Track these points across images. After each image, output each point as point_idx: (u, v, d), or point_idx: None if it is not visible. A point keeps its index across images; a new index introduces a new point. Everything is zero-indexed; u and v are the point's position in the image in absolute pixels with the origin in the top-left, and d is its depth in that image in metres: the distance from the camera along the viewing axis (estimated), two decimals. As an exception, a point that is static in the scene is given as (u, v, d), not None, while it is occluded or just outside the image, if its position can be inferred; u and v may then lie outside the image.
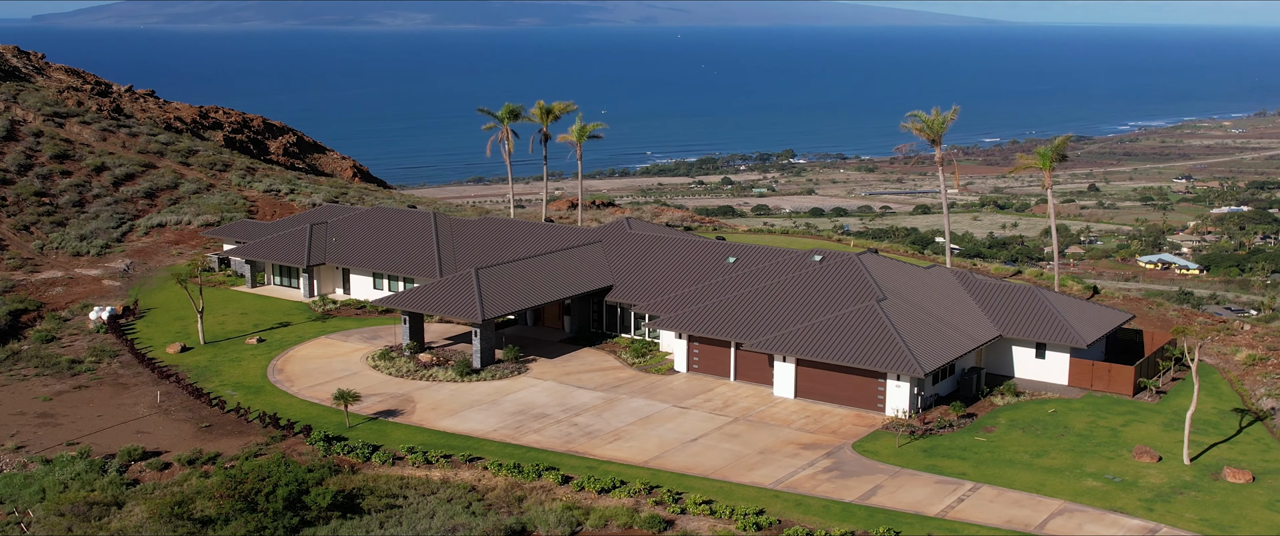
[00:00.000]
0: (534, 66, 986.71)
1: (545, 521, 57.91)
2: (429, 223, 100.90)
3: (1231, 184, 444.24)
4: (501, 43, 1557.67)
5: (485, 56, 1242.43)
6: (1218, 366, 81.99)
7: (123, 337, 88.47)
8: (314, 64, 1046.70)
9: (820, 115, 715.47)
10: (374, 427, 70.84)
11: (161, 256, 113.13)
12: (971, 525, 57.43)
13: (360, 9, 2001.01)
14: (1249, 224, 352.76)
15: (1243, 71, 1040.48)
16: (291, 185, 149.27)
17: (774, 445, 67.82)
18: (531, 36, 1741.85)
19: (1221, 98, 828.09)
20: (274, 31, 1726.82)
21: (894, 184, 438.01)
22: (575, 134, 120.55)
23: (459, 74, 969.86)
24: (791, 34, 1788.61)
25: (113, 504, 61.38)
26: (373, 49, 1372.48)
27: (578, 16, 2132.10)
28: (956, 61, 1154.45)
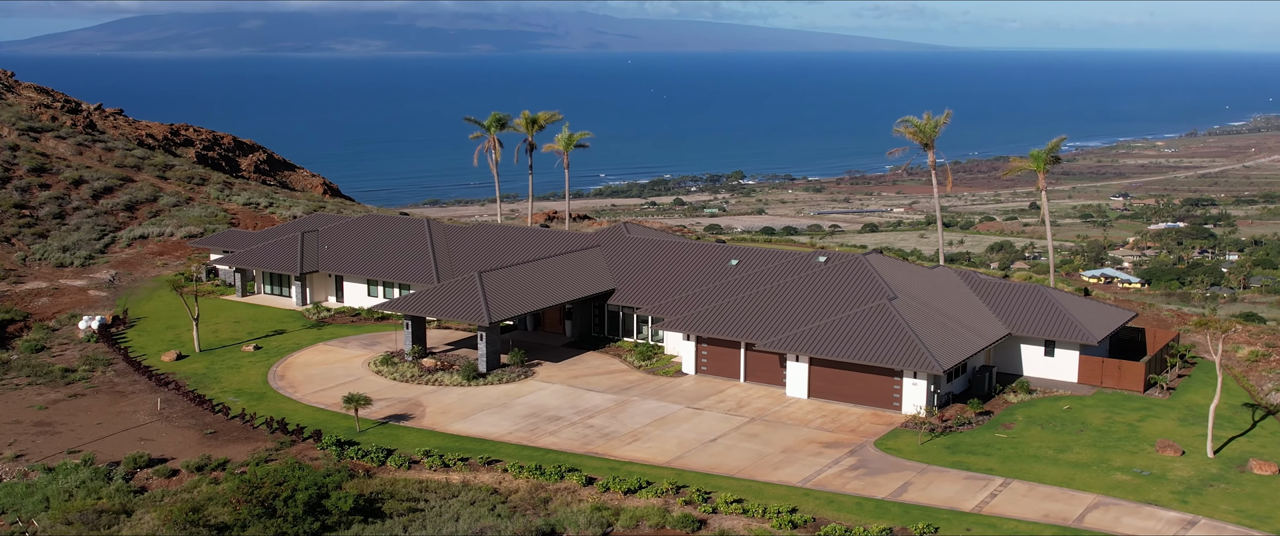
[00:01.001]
0: (489, 92, 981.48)
1: (574, 522, 55.05)
2: (423, 229, 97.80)
3: (1167, 201, 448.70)
4: (456, 69, 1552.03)
5: (441, 82, 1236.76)
6: (1220, 363, 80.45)
7: (115, 346, 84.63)
8: (272, 89, 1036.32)
9: (769, 138, 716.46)
10: (385, 432, 67.66)
11: (146, 267, 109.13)
12: (1009, 519, 55.18)
13: (316, 36, 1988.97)
14: (1186, 239, 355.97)
15: (1173, 94, 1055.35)
16: (269, 199, 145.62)
17: (795, 444, 65.33)
18: (485, 63, 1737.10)
19: (1154, 119, 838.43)
20: (231, 58, 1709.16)
21: (841, 203, 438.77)
22: (562, 143, 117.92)
23: (416, 99, 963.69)
24: (739, 59, 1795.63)
25: (121, 511, 57.88)
26: (330, 75, 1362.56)
27: (530, 43, 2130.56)
28: (899, 86, 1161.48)
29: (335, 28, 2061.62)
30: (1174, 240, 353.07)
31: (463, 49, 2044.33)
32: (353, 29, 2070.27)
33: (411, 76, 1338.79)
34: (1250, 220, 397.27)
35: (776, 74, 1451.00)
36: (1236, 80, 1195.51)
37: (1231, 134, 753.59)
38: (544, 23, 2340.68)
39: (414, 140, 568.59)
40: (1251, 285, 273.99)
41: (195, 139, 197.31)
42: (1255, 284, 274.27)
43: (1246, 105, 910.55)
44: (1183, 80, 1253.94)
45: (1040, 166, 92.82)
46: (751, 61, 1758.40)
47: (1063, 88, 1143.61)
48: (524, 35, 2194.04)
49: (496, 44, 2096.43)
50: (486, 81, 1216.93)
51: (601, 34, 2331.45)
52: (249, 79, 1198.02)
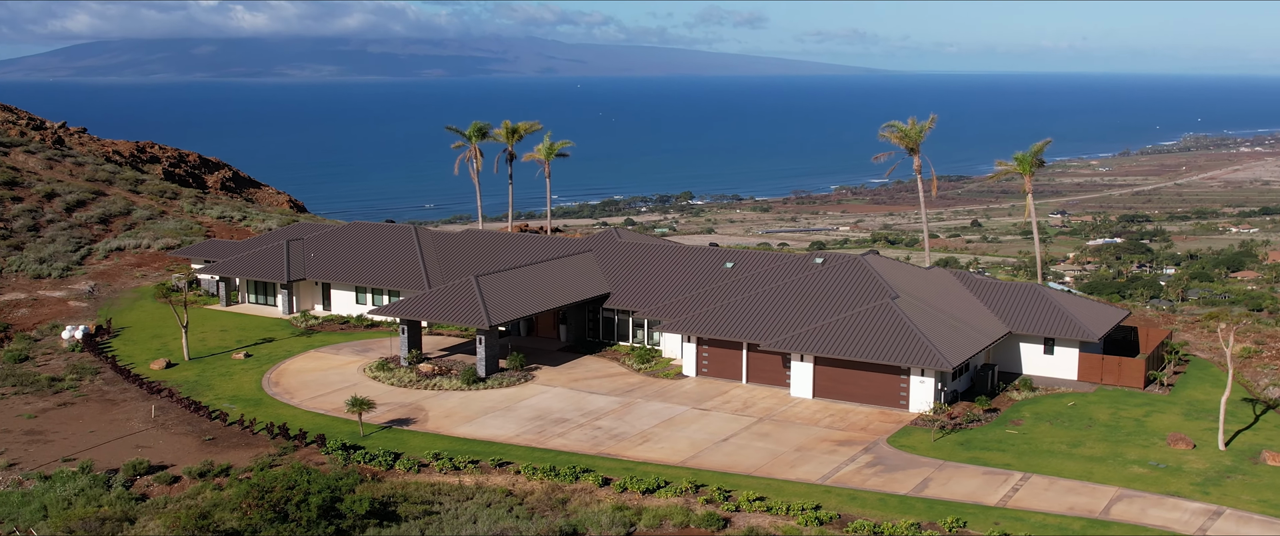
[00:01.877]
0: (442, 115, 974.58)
1: (596, 523, 52.67)
2: (411, 236, 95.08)
3: (1103, 218, 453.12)
4: (408, 93, 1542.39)
5: (394, 106, 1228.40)
6: (1214, 360, 79.65)
7: (102, 355, 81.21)
8: (226, 113, 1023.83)
9: (716, 159, 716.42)
10: (389, 436, 64.94)
11: (125, 278, 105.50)
12: (1036, 512, 53.49)
13: (269, 61, 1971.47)
14: (1125, 254, 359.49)
15: (1106, 115, 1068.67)
16: (242, 212, 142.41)
17: (808, 443, 63.37)
18: (436, 87, 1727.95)
19: (1088, 139, 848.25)
20: (184, 83, 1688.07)
21: (789, 222, 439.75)
22: (543, 152, 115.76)
23: (370, 123, 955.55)
24: (686, 83, 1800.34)
25: (123, 519, 54.74)
26: (283, 99, 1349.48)
27: (480, 68, 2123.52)
28: (842, 109, 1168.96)
29: (288, 53, 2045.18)
30: (1113, 255, 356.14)
31: (414, 74, 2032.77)
32: (305, 54, 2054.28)
33: (364, 101, 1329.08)
34: (1184, 235, 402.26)
35: (722, 97, 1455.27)
36: (1166, 102, 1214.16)
37: (1163, 153, 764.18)
38: (494, 48, 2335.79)
39: (369, 163, 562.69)
40: (1189, 298, 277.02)
41: (161, 156, 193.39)
42: (1193, 297, 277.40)
43: (1176, 125, 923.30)
44: (1115, 102, 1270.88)
45: (1026, 169, 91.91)
46: (698, 85, 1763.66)
47: (1000, 110, 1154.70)
48: (474, 60, 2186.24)
49: (447, 68, 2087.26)
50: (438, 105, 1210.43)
51: (551, 59, 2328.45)
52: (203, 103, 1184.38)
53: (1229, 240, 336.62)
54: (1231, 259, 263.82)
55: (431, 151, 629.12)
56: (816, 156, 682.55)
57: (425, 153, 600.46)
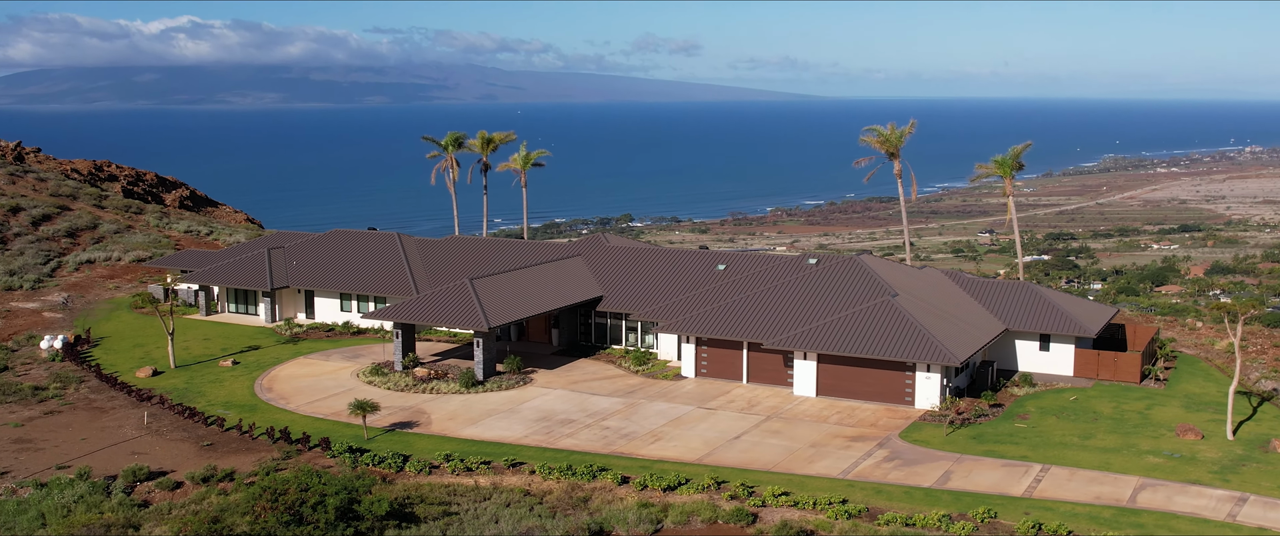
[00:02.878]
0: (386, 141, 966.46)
1: (623, 520, 50.21)
2: (394, 243, 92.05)
3: (1030, 236, 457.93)
4: (350, 119, 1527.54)
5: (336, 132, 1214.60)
6: (1200, 356, 78.96)
7: (84, 364, 77.30)
8: (170, 139, 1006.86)
9: (654, 182, 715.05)
10: (394, 438, 61.99)
11: (98, 290, 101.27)
12: (1064, 502, 51.85)
13: (212, 89, 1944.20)
14: (1053, 270, 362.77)
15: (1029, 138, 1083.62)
16: (208, 227, 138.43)
17: (821, 439, 61.37)
18: (378, 114, 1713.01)
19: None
20: (128, 110, 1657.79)
21: (727, 243, 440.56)
22: (519, 161, 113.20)
23: (313, 149, 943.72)
24: (623, 109, 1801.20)
25: (127, 525, 51.40)
26: (226, 126, 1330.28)
27: (422, 95, 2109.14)
28: (775, 133, 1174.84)
29: (230, 81, 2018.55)
30: (1042, 271, 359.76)
31: (356, 101, 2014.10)
32: (248, 82, 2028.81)
33: (308, 127, 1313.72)
34: (1108, 252, 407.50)
35: (659, 123, 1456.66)
36: (1085, 126, 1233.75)
37: (1084, 174, 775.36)
38: (435, 75, 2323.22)
39: (317, 187, 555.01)
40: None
41: (119, 175, 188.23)
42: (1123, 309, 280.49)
43: (1096, 148, 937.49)
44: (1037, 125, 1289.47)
45: (1006, 172, 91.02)
46: (635, 111, 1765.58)
47: (927, 133, 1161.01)
48: (416, 87, 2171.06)
49: (389, 96, 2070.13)
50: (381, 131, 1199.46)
51: (491, 85, 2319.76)
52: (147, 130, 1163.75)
53: (1151, 256, 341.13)
54: (1155, 274, 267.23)
55: (380, 176, 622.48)
56: (752, 179, 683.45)
57: (374, 177, 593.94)
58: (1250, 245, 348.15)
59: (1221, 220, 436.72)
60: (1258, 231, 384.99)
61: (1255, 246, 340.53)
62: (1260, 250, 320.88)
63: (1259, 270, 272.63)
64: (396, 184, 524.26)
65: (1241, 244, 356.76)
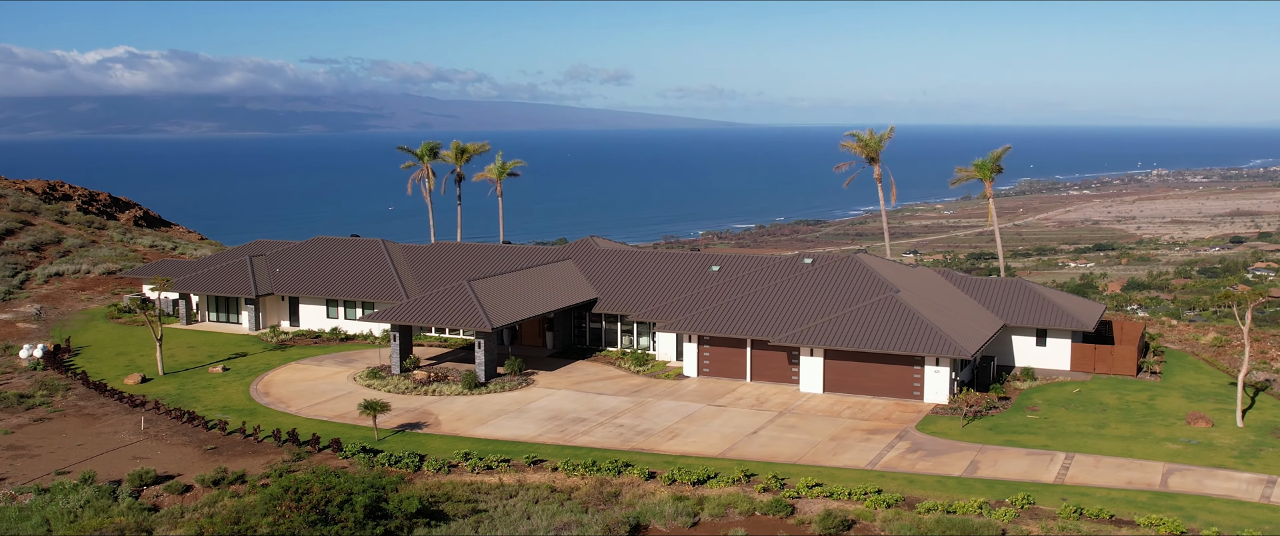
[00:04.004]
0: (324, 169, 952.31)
1: (660, 514, 47.59)
2: (379, 249, 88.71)
3: (953, 256, 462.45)
4: (287, 148, 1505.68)
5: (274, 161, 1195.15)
6: (1187, 350, 78.29)
7: (68, 372, 73.07)
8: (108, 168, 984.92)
9: (588, 207, 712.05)
10: (406, 439, 58.84)
11: (71, 302, 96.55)
12: (1098, 487, 50.22)
13: (148, 118, 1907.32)
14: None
15: (947, 163, 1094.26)
16: (173, 242, 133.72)
17: (839, 433, 59.28)
18: (315, 142, 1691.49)
19: (933, 185, 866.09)
20: (63, 140, 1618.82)
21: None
22: (495, 171, 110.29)
23: (252, 178, 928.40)
24: (556, 137, 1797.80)
25: (140, 529, 47.82)
26: (162, 154, 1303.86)
27: (358, 124, 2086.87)
28: (704, 159, 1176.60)
29: (167, 110, 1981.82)
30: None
31: (293, 129, 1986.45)
32: (185, 111, 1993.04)
33: (245, 156, 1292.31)
34: (1028, 270, 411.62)
35: (591, 149, 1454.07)
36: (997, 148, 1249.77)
37: (1001, 197, 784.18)
38: (371, 104, 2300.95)
39: (260, 212, 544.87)
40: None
41: (73, 195, 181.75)
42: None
43: (1012, 172, 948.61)
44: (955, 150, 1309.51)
45: (986, 175, 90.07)
46: (567, 138, 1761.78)
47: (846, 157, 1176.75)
48: (352, 116, 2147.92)
49: (326, 124, 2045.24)
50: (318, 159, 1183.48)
51: (426, 114, 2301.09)
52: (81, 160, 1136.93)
53: (1069, 273, 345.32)
54: (1075, 290, 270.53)
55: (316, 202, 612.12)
56: (683, 204, 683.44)
57: (312, 204, 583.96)
58: (1162, 262, 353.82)
59: (1133, 239, 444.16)
60: (1167, 249, 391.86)
61: (1167, 263, 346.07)
62: (1172, 267, 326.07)
63: (1172, 285, 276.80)
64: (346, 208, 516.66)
65: (1154, 261, 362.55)
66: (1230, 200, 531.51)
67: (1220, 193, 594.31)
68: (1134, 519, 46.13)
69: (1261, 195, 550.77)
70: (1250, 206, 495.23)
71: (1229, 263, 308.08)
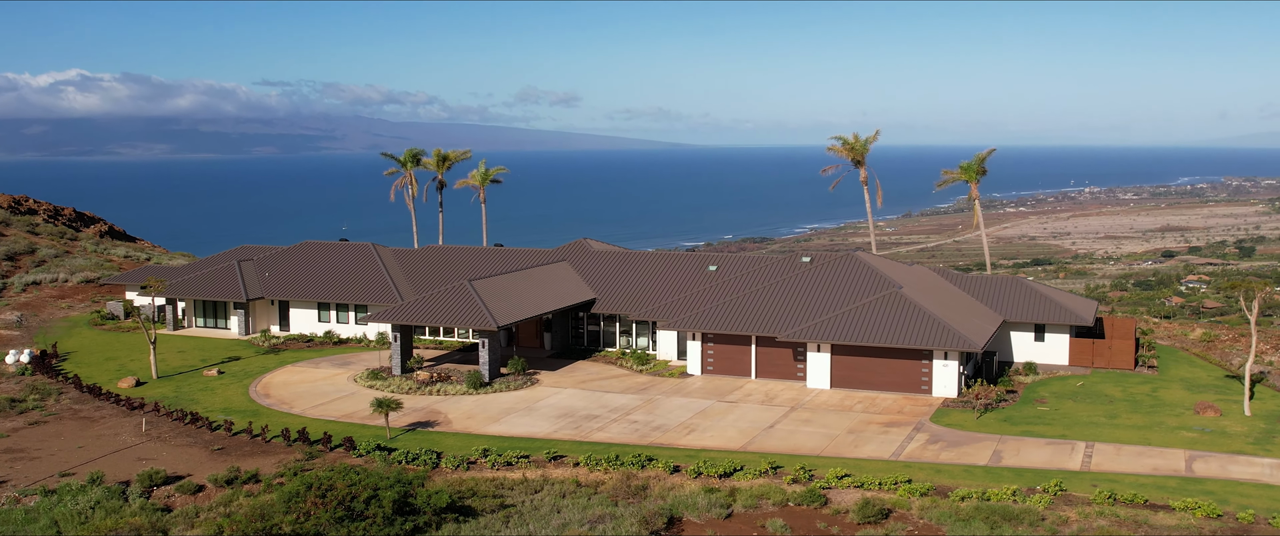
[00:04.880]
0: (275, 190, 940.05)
1: (693, 506, 45.71)
2: (370, 252, 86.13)
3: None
4: (240, 170, 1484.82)
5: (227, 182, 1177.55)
6: (1177, 346, 77.82)
7: (58, 377, 69.79)
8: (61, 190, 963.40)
9: (538, 227, 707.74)
10: (419, 437, 56.48)
11: (51, 309, 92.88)
12: (1125, 474, 49.06)
13: (100, 140, 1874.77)
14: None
15: (888, 181, 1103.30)
16: (147, 253, 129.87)
17: (855, 426, 57.75)
18: (267, 164, 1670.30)
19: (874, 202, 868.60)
20: (14, 163, 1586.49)
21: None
22: (478, 178, 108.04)
23: (206, 198, 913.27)
24: (506, 158, 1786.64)
25: (155, 530, 45.09)
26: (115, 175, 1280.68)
27: (310, 145, 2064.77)
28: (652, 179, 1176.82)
29: (119, 132, 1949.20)
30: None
31: (245, 151, 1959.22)
32: (137, 133, 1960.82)
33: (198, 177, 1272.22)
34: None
35: (541, 171, 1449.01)
36: (939, 169, 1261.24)
37: (941, 215, 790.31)
38: (323, 126, 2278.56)
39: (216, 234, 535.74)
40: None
41: (38, 208, 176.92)
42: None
43: (950, 190, 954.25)
44: (895, 169, 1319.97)
45: (971, 176, 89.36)
46: (517, 160, 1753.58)
47: (795, 178, 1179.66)
48: (304, 138, 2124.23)
49: (278, 146, 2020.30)
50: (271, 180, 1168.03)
51: (378, 136, 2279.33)
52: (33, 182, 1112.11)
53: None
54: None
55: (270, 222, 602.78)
56: (631, 223, 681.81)
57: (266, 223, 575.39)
58: (1098, 276, 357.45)
59: (1069, 254, 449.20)
60: (1103, 264, 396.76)
61: (1103, 277, 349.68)
62: (1108, 280, 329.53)
63: (1110, 299, 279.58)
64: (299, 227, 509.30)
65: (1090, 275, 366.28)
66: (1160, 216, 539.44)
67: (1150, 209, 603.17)
68: (1169, 503, 44.98)
69: (1189, 211, 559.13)
70: (1179, 222, 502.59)
71: (1162, 276, 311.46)
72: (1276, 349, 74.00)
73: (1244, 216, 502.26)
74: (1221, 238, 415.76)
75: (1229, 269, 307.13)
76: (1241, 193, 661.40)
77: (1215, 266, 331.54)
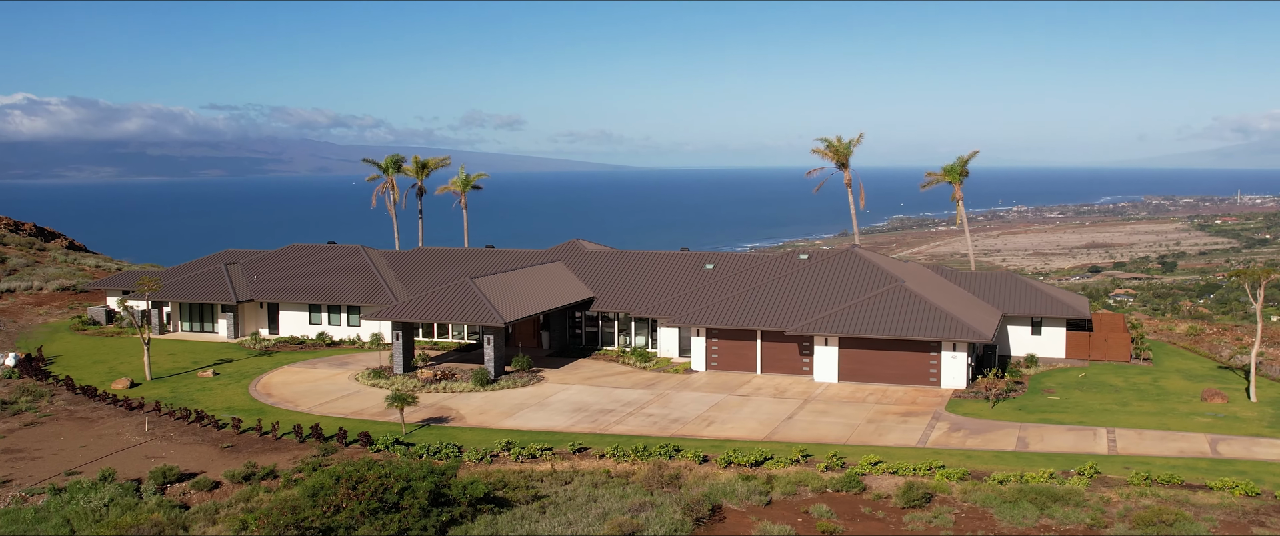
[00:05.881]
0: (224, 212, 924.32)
1: (731, 494, 43.64)
2: (360, 254, 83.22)
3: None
4: (187, 192, 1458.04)
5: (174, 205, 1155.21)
6: (1164, 340, 77.31)
7: (49, 379, 66.11)
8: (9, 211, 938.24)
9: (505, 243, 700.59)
10: (435, 432, 53.89)
11: (29, 316, 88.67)
12: (1155, 457, 47.85)
13: (47, 163, 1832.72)
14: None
15: (824, 200, 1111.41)
16: (117, 265, 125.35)
17: (873, 416, 56.11)
18: (215, 186, 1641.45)
19: (812, 222, 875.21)
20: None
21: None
22: (459, 184, 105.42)
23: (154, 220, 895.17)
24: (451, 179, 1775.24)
25: (177, 526, 42.15)
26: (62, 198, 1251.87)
27: (257, 168, 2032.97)
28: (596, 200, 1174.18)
29: (66, 155, 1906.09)
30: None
31: (193, 174, 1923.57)
32: (84, 156, 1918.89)
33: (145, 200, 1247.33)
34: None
35: (487, 192, 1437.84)
36: (873, 189, 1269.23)
37: (875, 233, 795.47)
38: (270, 149, 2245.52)
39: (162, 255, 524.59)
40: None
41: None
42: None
43: (883, 210, 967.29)
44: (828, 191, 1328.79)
45: (955, 178, 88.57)
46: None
47: (737, 198, 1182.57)
48: (251, 161, 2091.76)
49: (226, 169, 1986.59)
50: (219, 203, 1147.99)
51: (325, 159, 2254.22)
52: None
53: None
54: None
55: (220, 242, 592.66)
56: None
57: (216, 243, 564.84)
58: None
59: (1000, 270, 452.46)
60: (1032, 279, 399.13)
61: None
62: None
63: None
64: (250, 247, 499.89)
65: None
66: (1085, 233, 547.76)
67: (1076, 227, 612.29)
68: (1206, 483, 43.78)
69: (1113, 228, 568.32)
70: (1104, 239, 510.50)
71: (1091, 290, 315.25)
72: (1263, 341, 73.68)
73: (1165, 233, 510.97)
74: (1144, 253, 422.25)
75: (1154, 283, 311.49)
76: (1161, 211, 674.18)
77: (1140, 281, 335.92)
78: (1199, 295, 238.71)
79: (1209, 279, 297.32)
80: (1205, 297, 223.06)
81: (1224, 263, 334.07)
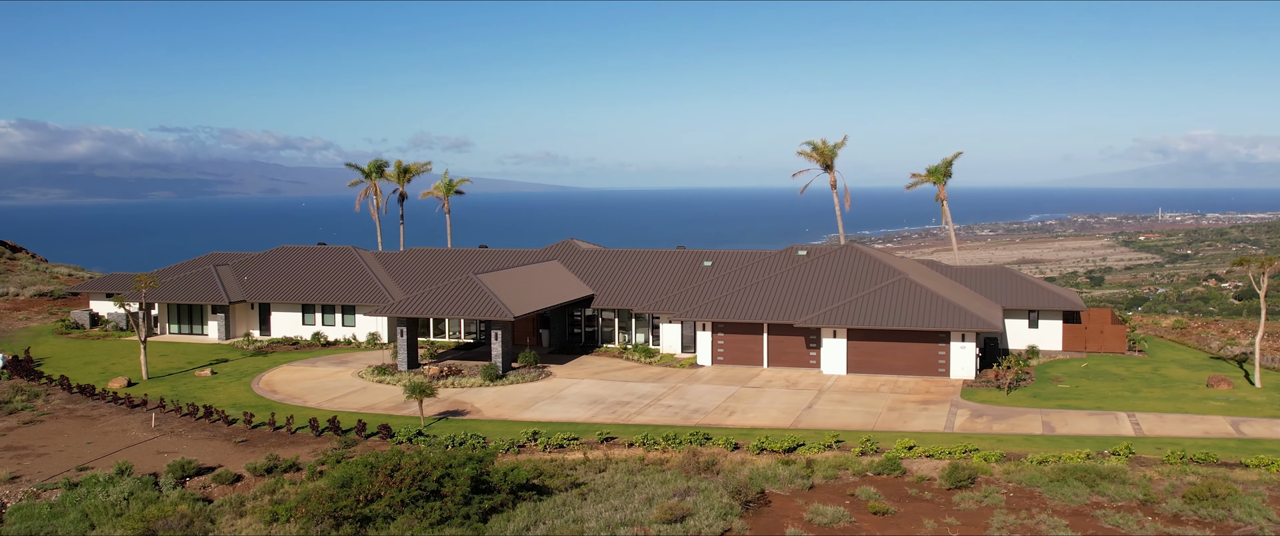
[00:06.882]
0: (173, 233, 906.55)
1: (773, 479, 41.85)
2: (352, 255, 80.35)
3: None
4: (137, 214, 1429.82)
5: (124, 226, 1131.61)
6: (1152, 334, 76.85)
7: (42, 380, 62.53)
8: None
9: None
10: (454, 425, 51.41)
11: (9, 321, 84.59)
12: (1181, 438, 46.83)
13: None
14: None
15: (766, 220, 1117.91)
16: (90, 274, 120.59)
17: (892, 404, 54.57)
18: (164, 208, 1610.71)
19: (759, 238, 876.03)
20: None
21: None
22: (442, 188, 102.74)
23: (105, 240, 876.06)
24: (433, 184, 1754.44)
25: (206, 519, 39.37)
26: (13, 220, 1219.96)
27: (207, 190, 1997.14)
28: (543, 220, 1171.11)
29: (14, 177, 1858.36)
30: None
31: (142, 196, 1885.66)
32: (33, 178, 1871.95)
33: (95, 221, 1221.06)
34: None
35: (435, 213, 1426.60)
36: (813, 208, 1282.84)
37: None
38: (219, 171, 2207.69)
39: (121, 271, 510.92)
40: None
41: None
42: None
43: (823, 227, 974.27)
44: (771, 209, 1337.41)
45: (939, 179, 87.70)
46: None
47: (678, 217, 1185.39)
48: (201, 182, 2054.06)
49: (175, 190, 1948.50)
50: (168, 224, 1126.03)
51: (274, 181, 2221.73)
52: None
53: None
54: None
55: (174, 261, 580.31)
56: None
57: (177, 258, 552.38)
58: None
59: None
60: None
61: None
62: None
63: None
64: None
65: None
66: (1016, 250, 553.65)
67: (1006, 243, 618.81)
68: (1241, 461, 42.75)
69: (1042, 245, 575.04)
70: (1034, 255, 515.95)
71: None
72: (1247, 334, 73.45)
73: (1092, 249, 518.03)
74: (1073, 268, 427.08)
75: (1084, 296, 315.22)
76: (1087, 228, 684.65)
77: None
78: (1128, 308, 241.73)
79: (1136, 292, 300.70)
80: (1134, 310, 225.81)
81: (1149, 277, 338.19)
